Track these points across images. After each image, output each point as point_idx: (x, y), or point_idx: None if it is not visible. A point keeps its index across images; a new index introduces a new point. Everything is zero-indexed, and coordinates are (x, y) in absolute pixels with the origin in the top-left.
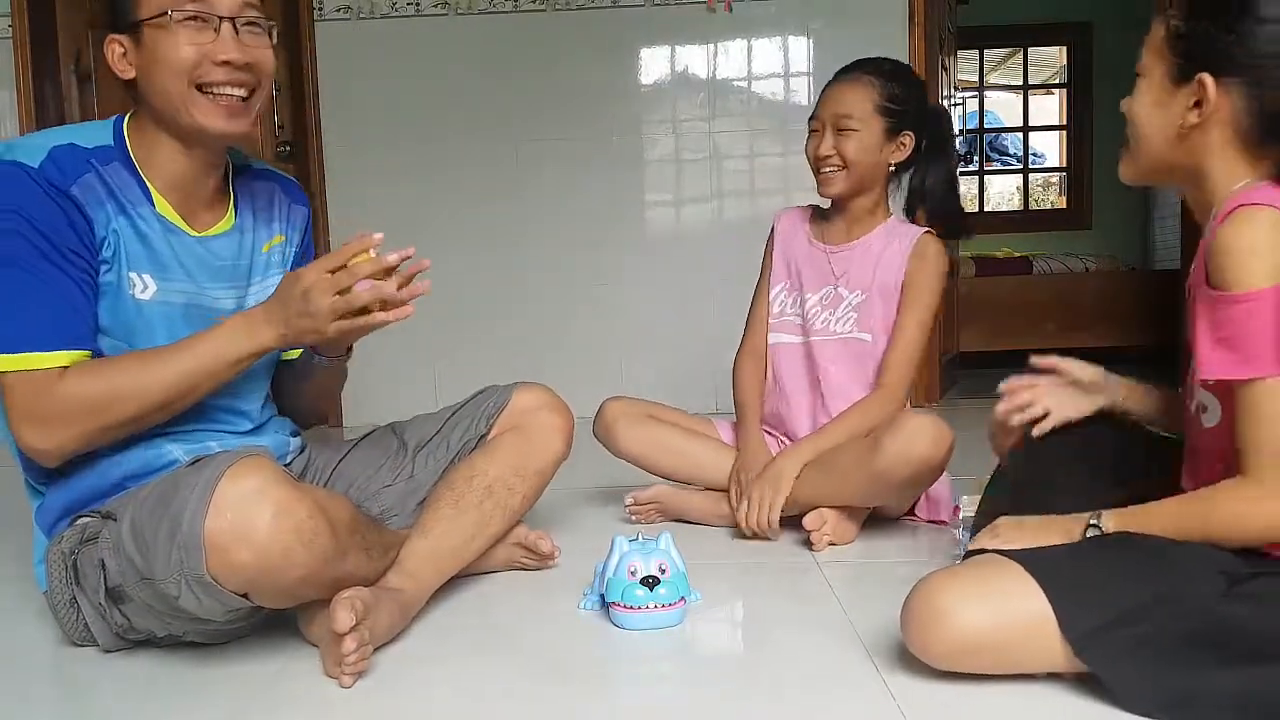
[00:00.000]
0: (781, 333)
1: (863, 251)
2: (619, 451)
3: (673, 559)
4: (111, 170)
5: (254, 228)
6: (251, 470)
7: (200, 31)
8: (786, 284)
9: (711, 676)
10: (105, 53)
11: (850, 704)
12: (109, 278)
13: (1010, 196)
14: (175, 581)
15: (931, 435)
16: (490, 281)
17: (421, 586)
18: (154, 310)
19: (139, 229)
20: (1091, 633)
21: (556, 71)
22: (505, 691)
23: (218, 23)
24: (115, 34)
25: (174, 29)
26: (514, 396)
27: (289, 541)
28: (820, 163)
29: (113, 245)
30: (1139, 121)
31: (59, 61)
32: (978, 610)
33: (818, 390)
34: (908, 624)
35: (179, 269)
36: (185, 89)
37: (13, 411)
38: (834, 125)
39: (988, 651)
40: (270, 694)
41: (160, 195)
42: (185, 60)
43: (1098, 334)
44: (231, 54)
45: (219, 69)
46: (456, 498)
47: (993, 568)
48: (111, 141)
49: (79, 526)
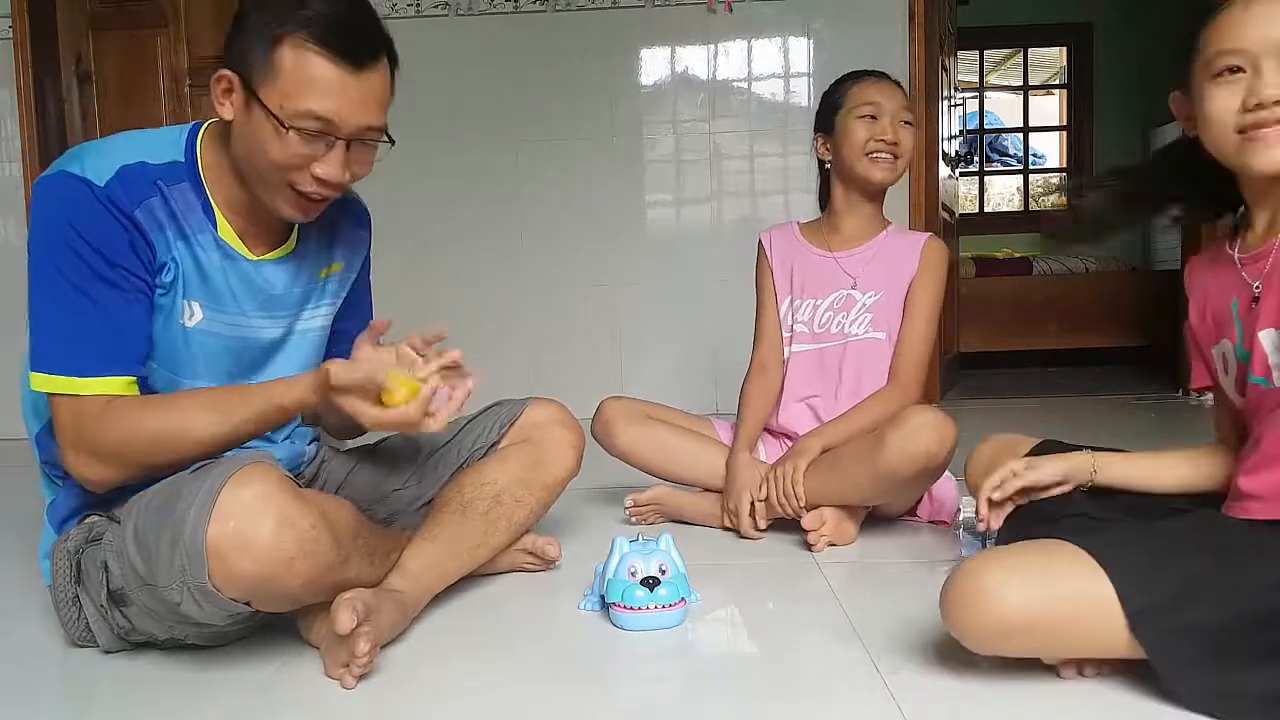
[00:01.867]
0: (795, 344)
1: (876, 252)
2: (616, 450)
3: (673, 560)
4: (178, 191)
5: (314, 253)
6: (254, 478)
7: (308, 145)
8: (791, 296)
9: (711, 677)
10: (212, 84)
11: (850, 704)
12: (164, 300)
13: (1010, 197)
14: (177, 588)
15: (936, 430)
16: (490, 281)
17: (422, 589)
18: (197, 338)
19: (197, 257)
20: (1151, 608)
21: (556, 71)
22: (505, 691)
23: (332, 141)
24: (230, 70)
25: (282, 134)
26: (528, 409)
27: (291, 551)
28: (883, 147)
29: (172, 271)
30: None
31: (59, 62)
32: (1026, 588)
33: (832, 394)
34: (949, 603)
35: (230, 299)
36: (276, 182)
37: (60, 434)
38: (896, 116)
39: (1034, 633)
40: (269, 695)
41: (224, 218)
42: (285, 164)
43: (1098, 334)
44: (334, 176)
45: (314, 180)
46: (464, 504)
47: (1042, 547)
48: (183, 157)
49: (86, 525)
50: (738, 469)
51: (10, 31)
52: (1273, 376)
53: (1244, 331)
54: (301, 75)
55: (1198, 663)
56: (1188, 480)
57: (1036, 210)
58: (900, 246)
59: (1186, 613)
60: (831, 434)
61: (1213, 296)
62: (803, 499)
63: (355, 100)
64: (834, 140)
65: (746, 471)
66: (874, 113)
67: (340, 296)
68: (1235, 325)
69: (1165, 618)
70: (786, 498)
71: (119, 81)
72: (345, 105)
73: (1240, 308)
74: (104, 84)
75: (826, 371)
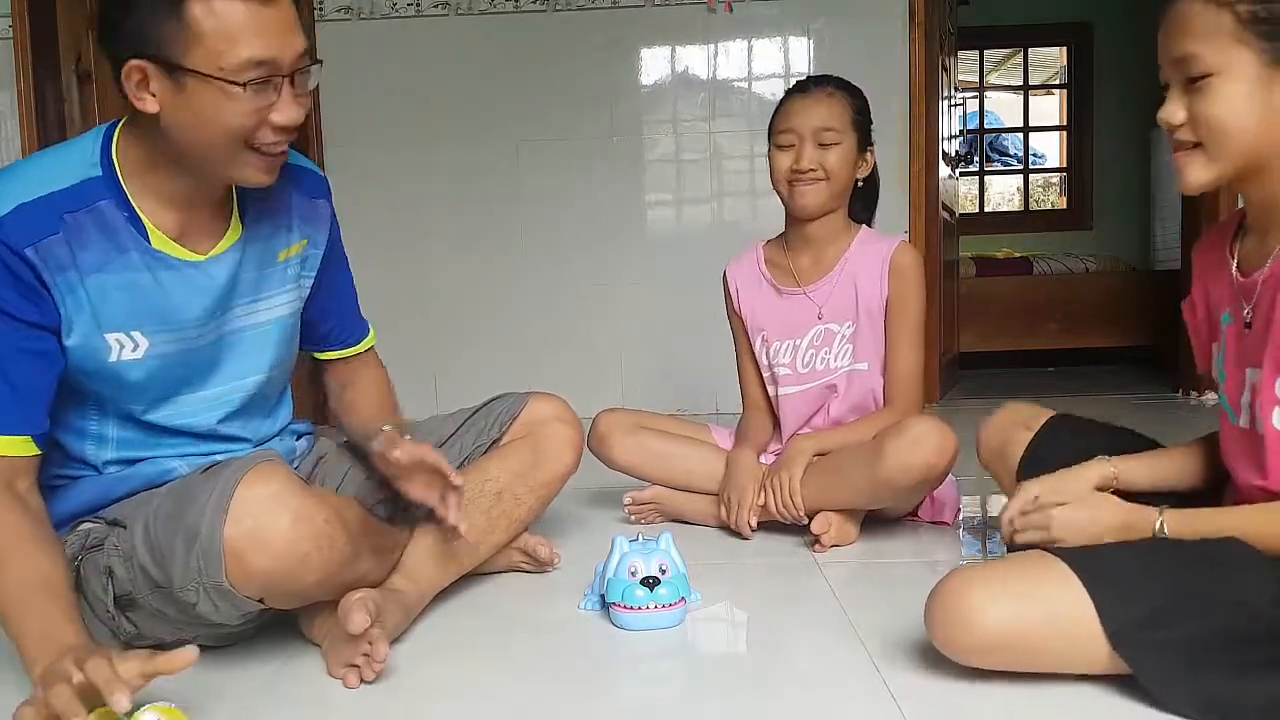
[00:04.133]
0: (782, 386)
1: (840, 280)
2: (614, 464)
3: (673, 559)
4: (92, 215)
5: (267, 237)
6: (268, 476)
7: (260, 95)
8: (765, 335)
9: (711, 676)
10: (123, 77)
11: (850, 704)
12: (74, 342)
13: (1010, 197)
14: (194, 589)
15: (936, 442)
16: (490, 281)
17: (424, 589)
18: (144, 366)
19: (125, 281)
20: (1131, 626)
21: (556, 71)
22: (505, 691)
23: (279, 81)
24: (137, 60)
25: (234, 93)
26: (529, 405)
27: (307, 547)
28: (799, 177)
29: (75, 310)
30: (1227, 120)
31: (59, 62)
32: (1010, 605)
33: (825, 428)
34: (934, 619)
35: (171, 315)
36: (237, 148)
37: None
38: (814, 138)
39: (1019, 649)
40: (270, 694)
41: (155, 226)
42: (245, 126)
43: (1098, 334)
44: (294, 118)
45: (276, 130)
46: (465, 501)
47: (1028, 562)
48: (99, 169)
49: (81, 532)
50: (739, 465)
51: (10, 32)
52: (1240, 415)
53: (1226, 352)
54: (226, 26)
55: (1185, 674)
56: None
57: (1037, 210)
58: (865, 264)
59: (1169, 627)
60: (828, 439)
61: (1210, 296)
62: (801, 508)
63: (282, 30)
64: None
65: (748, 469)
66: (791, 140)
67: (307, 278)
68: (1222, 339)
69: (1146, 633)
70: (785, 508)
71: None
72: (276, 39)
73: (1231, 327)
74: (104, 84)
75: (818, 408)
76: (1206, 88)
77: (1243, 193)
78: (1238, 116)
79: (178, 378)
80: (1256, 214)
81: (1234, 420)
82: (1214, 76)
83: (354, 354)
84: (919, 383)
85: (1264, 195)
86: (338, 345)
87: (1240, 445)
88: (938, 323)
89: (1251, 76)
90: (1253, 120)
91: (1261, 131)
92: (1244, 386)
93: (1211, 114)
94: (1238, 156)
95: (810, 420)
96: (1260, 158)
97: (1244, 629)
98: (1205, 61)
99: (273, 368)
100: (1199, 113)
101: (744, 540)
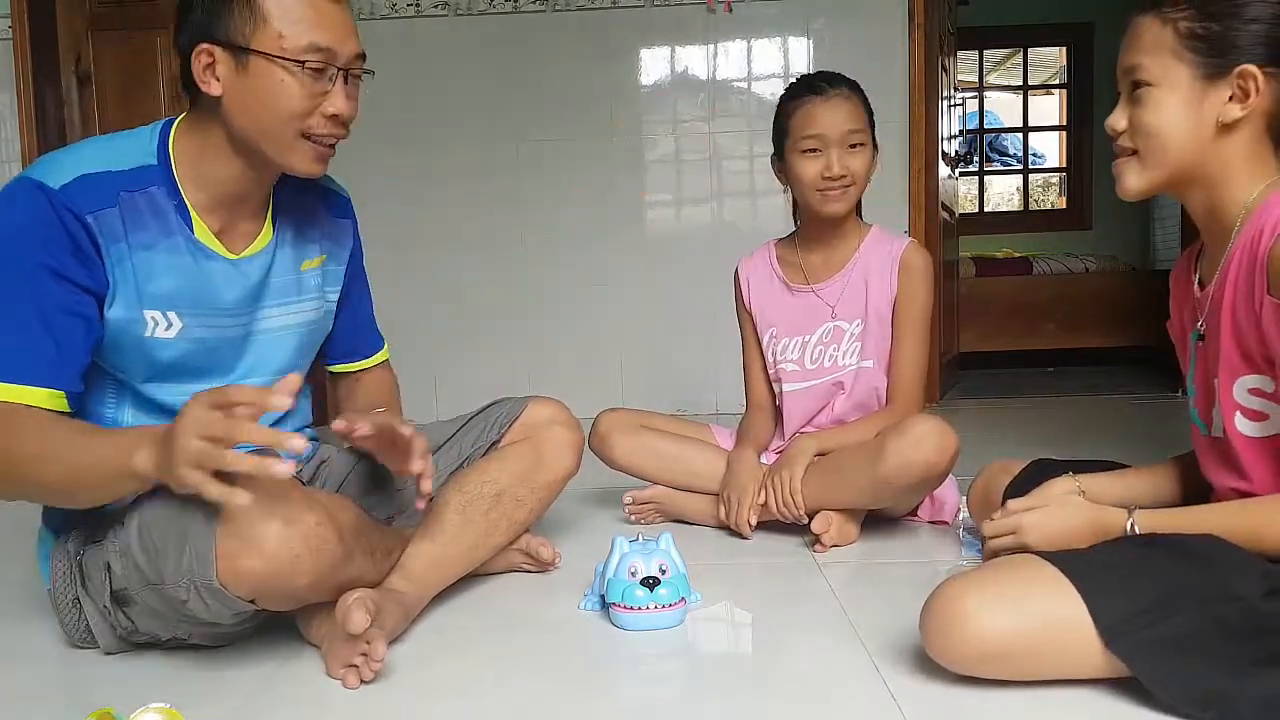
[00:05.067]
0: (787, 383)
1: (851, 279)
2: (615, 464)
3: (673, 560)
4: (146, 197)
5: (292, 244)
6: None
7: (316, 81)
8: (774, 331)
9: (711, 677)
10: (194, 61)
11: (850, 704)
12: (115, 314)
13: (1010, 197)
14: (185, 587)
15: (937, 442)
16: (489, 281)
17: (423, 590)
18: (175, 347)
19: (170, 263)
20: (1123, 622)
21: (556, 71)
22: (505, 691)
23: (334, 72)
24: (209, 43)
25: (294, 72)
26: (528, 408)
27: (298, 549)
28: (830, 184)
29: (122, 281)
30: (1161, 128)
31: (59, 64)
32: (1004, 613)
33: (828, 426)
34: (928, 629)
35: (208, 301)
36: (291, 135)
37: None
38: (842, 143)
39: (1015, 657)
40: (269, 694)
41: (200, 217)
42: (299, 110)
43: (1098, 334)
44: (344, 110)
45: (327, 121)
46: (465, 503)
47: (1020, 567)
48: (155, 159)
49: (85, 528)
50: (740, 464)
51: (10, 33)
52: (1210, 426)
53: (1195, 367)
54: (294, 12)
55: (1180, 671)
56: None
57: (1037, 210)
58: (877, 262)
59: (1162, 623)
60: (830, 439)
61: (1182, 314)
62: (802, 507)
63: (344, 27)
64: (786, 170)
65: (749, 468)
66: (818, 145)
67: (328, 292)
68: (1191, 355)
69: (1139, 629)
70: (786, 507)
71: (119, 83)
72: (338, 33)
73: (1197, 342)
74: (104, 85)
75: (822, 406)
76: (1146, 97)
77: (1186, 205)
78: (1171, 126)
79: (201, 366)
80: (1202, 226)
81: (1205, 432)
82: (1154, 87)
83: (361, 368)
84: (922, 382)
85: (1203, 207)
86: (345, 360)
87: (1214, 455)
88: (938, 323)
89: (1185, 89)
90: (1184, 130)
91: (1191, 142)
92: (1213, 399)
93: (1147, 121)
94: (1170, 165)
95: (814, 418)
96: (1191, 168)
97: (1236, 624)
98: (1148, 72)
99: (281, 375)
100: (1137, 120)
101: (744, 540)
